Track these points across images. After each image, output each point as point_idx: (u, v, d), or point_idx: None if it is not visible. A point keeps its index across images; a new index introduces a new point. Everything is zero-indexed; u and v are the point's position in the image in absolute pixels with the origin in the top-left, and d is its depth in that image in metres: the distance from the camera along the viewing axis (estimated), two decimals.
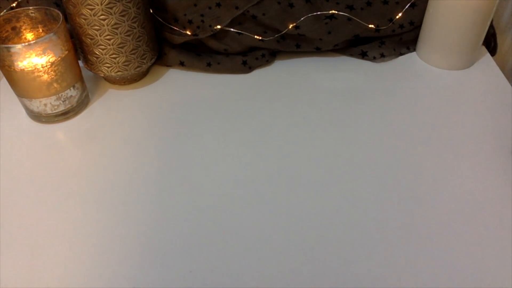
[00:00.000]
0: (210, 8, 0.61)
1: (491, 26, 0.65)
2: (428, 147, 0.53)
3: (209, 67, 0.63)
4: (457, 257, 0.42)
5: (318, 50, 0.65)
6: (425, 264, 0.42)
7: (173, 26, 0.62)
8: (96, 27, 0.54)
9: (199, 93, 0.61)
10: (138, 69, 0.59)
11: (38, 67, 0.51)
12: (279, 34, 0.62)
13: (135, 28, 0.56)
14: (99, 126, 0.57)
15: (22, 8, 0.55)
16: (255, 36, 0.62)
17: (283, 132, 0.55)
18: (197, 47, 0.65)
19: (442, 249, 0.43)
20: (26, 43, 0.50)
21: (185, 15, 0.61)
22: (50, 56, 0.52)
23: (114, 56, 0.57)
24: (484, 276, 0.41)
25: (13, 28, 0.56)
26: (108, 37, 0.55)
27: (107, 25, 0.54)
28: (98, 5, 0.52)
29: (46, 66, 0.52)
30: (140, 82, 0.63)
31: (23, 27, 0.56)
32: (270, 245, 0.44)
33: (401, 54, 0.66)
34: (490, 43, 0.67)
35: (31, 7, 0.55)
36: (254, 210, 0.47)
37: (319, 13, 0.61)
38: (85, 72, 0.60)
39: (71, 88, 0.56)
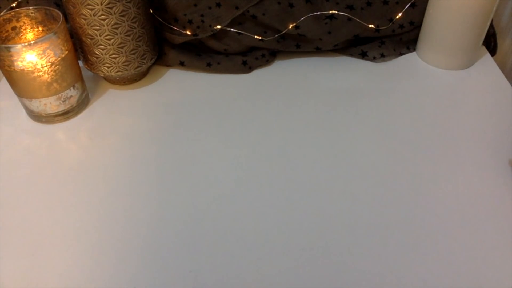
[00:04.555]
0: (210, 8, 0.61)
1: (491, 26, 0.65)
2: (428, 147, 0.53)
3: (209, 67, 0.63)
4: (457, 257, 0.42)
5: (318, 50, 0.65)
6: (425, 264, 0.42)
7: (173, 26, 0.62)
8: (96, 27, 0.54)
9: (199, 93, 0.61)
10: (138, 69, 0.59)
11: (38, 67, 0.51)
12: (279, 34, 0.62)
13: (135, 28, 0.56)
14: (99, 126, 0.57)
15: (22, 8, 0.55)
16: (255, 36, 0.62)
17: (283, 132, 0.55)
18: (197, 47, 0.65)
19: (442, 248, 0.43)
20: (26, 43, 0.50)
21: (185, 15, 0.61)
22: (50, 56, 0.52)
23: (114, 56, 0.57)
24: (484, 276, 0.41)
25: (13, 28, 0.56)
26: (108, 37, 0.55)
27: (107, 25, 0.54)
28: (98, 5, 0.52)
29: (46, 66, 0.52)
30: (140, 82, 0.63)
31: (23, 27, 0.56)
32: (270, 245, 0.44)
33: (401, 54, 0.66)
34: (490, 43, 0.67)
35: (31, 7, 0.55)
36: (254, 210, 0.47)
37: (319, 13, 0.61)
38: (85, 72, 0.60)
39: (71, 88, 0.56)
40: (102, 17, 0.53)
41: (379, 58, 0.65)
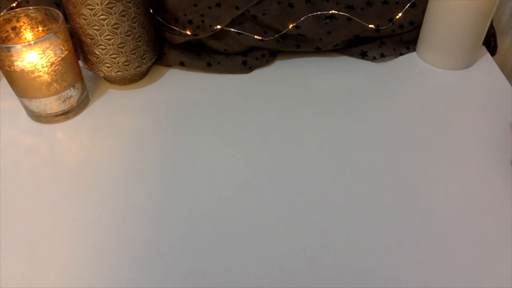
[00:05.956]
0: (210, 8, 0.61)
1: (491, 26, 0.65)
2: (428, 147, 0.53)
3: (209, 67, 0.63)
4: (457, 257, 0.42)
5: (318, 50, 0.65)
6: (425, 265, 0.42)
7: (173, 26, 0.62)
8: (96, 27, 0.54)
9: (199, 93, 0.61)
10: (138, 69, 0.59)
11: (38, 67, 0.51)
12: (279, 34, 0.62)
13: (135, 28, 0.56)
14: (99, 126, 0.57)
15: (22, 8, 0.55)
16: (255, 36, 0.62)
17: (283, 132, 0.55)
18: (197, 47, 0.65)
19: (441, 249, 0.43)
20: (26, 43, 0.50)
21: (185, 15, 0.61)
22: (50, 56, 0.52)
23: (114, 56, 0.57)
24: (484, 276, 0.41)
25: (13, 28, 0.56)
26: (108, 37, 0.55)
27: (107, 25, 0.54)
28: (98, 5, 0.52)
29: (46, 66, 0.52)
30: (140, 82, 0.63)
31: (23, 27, 0.56)
32: (270, 245, 0.44)
33: (401, 54, 0.66)
34: (490, 43, 0.67)
35: (31, 7, 0.55)
36: (254, 210, 0.47)
37: (319, 13, 0.61)
38: (85, 72, 0.60)
39: (71, 88, 0.56)
40: (102, 17, 0.53)
41: (379, 58, 0.65)
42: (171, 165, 0.52)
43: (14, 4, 0.62)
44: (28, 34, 0.57)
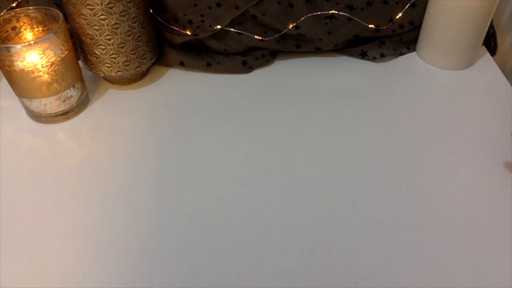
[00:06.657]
0: (210, 8, 0.61)
1: (491, 26, 0.65)
2: (428, 147, 0.53)
3: (209, 67, 0.63)
4: (457, 257, 0.42)
5: (318, 50, 0.65)
6: (425, 265, 0.42)
7: (173, 26, 0.62)
8: (96, 27, 0.54)
9: (199, 93, 0.61)
10: (138, 69, 0.59)
11: (38, 67, 0.51)
12: (279, 34, 0.62)
13: (135, 28, 0.56)
14: (99, 126, 0.57)
15: (22, 8, 0.55)
16: (255, 36, 0.62)
17: (283, 132, 0.55)
18: (197, 47, 0.65)
19: (442, 249, 0.43)
20: (26, 43, 0.50)
21: (185, 15, 0.61)
22: (50, 56, 0.52)
23: (114, 56, 0.57)
24: (484, 276, 0.41)
25: (13, 28, 0.56)
26: (108, 37, 0.55)
27: (107, 25, 0.54)
28: (98, 5, 0.52)
29: (46, 66, 0.52)
30: (140, 82, 0.63)
31: (23, 27, 0.56)
32: (271, 245, 0.44)
33: (401, 54, 0.66)
34: (490, 43, 0.67)
35: (31, 7, 0.55)
36: (254, 210, 0.47)
37: (319, 13, 0.61)
38: (85, 72, 0.60)
39: (71, 88, 0.56)
40: (102, 17, 0.53)
41: (379, 58, 0.65)
42: (171, 165, 0.52)
43: (14, 4, 0.62)
44: (28, 34, 0.57)
